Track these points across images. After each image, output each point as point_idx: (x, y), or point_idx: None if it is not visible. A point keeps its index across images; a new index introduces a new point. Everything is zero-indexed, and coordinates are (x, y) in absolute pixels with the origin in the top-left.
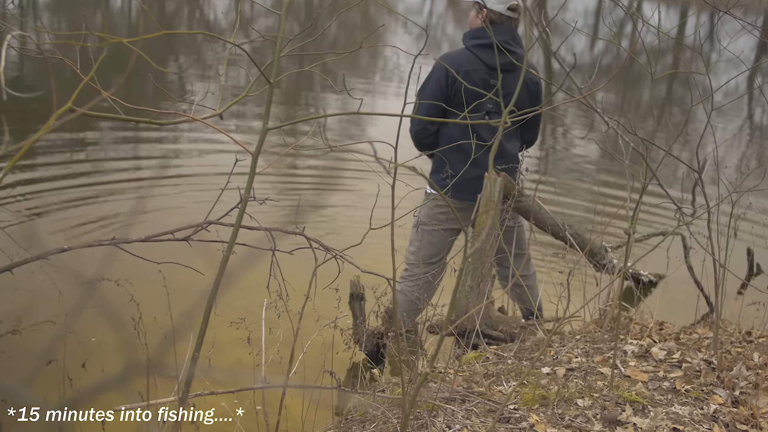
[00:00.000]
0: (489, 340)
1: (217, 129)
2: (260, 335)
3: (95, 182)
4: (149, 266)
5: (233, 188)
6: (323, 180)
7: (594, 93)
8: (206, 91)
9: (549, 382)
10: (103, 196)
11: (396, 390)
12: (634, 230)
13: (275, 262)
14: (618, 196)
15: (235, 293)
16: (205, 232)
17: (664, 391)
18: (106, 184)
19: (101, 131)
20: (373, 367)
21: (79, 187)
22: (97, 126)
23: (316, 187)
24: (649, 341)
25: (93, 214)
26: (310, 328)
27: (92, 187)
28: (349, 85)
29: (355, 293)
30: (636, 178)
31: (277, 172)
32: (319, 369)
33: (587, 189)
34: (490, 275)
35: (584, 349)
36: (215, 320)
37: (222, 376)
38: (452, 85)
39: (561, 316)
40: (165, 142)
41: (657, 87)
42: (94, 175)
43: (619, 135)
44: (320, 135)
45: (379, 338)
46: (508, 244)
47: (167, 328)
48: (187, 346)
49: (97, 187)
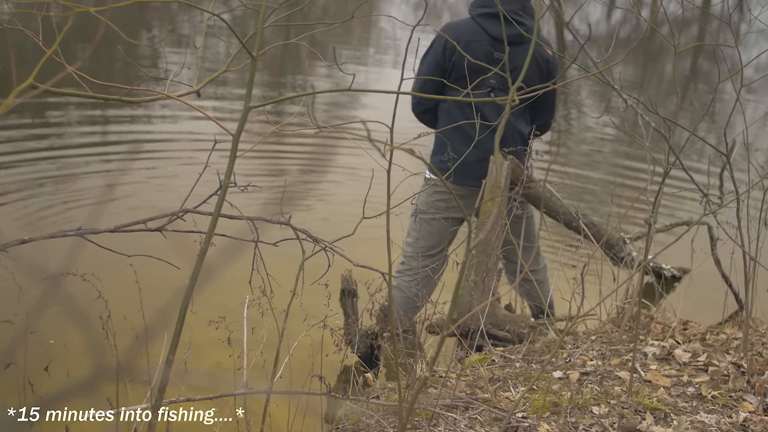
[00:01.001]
0: (495, 341)
1: (195, 108)
2: (242, 336)
3: (59, 167)
4: (119, 259)
5: (212, 173)
6: (312, 164)
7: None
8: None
9: (561, 387)
10: (68, 182)
11: (392, 396)
12: (656, 219)
13: (258, 255)
14: (637, 181)
15: (214, 289)
16: (181, 221)
17: (689, 397)
18: (72, 168)
19: (66, 110)
20: (366, 371)
21: (42, 172)
22: (62, 104)
23: (303, 172)
24: (672, 342)
25: (57, 201)
26: (297, 328)
27: (56, 172)
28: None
29: (346, 289)
30: (657, 161)
31: (260, 155)
32: (307, 373)
33: (603, 174)
34: (496, 269)
35: (600, 351)
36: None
37: (200, 381)
38: (450, 58)
39: (574, 315)
40: (137, 122)
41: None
42: (59, 159)
43: (638, 114)
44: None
45: (373, 339)
46: (516, 235)
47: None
48: (161, 347)
49: (62, 172)
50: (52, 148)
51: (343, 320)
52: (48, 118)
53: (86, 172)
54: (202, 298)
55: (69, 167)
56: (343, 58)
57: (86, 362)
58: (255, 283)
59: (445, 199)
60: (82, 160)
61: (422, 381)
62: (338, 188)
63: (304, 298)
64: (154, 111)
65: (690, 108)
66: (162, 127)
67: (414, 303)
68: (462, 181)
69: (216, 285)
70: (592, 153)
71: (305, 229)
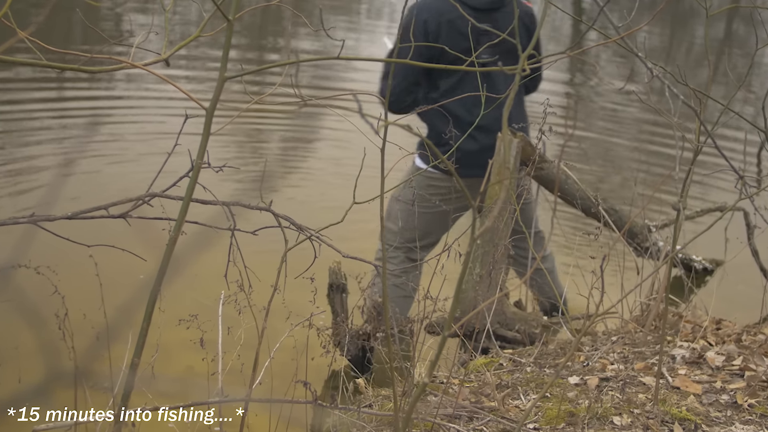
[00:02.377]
0: (503, 342)
1: (163, 78)
2: (216, 336)
3: (9, 145)
4: (77, 250)
5: (182, 152)
6: (295, 142)
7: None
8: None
9: (578, 395)
10: (19, 161)
11: (386, 405)
12: (685, 205)
13: (235, 245)
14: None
15: (185, 284)
16: (148, 207)
17: (723, 406)
18: (23, 147)
19: (17, 81)
20: (357, 377)
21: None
22: (12, 75)
23: (286, 150)
24: (704, 344)
25: (6, 184)
26: (279, 328)
27: (5, 151)
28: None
29: (334, 284)
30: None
31: (238, 131)
32: (290, 379)
33: (626, 154)
34: (504, 261)
35: (622, 354)
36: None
37: (169, 388)
38: (436, 41)
39: (593, 313)
40: (97, 95)
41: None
42: (8, 134)
43: (665, 86)
44: (292, 85)
45: (365, 340)
46: (526, 222)
47: (100, 327)
48: (125, 350)
49: (12, 152)
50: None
51: (331, 319)
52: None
53: (40, 154)
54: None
55: (19, 146)
56: (331, 22)
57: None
58: (231, 276)
59: (441, 193)
60: (34, 138)
61: (421, 388)
62: (325, 169)
63: (286, 293)
64: (117, 82)
65: (724, 79)
66: (126, 101)
67: (403, 292)
68: (467, 172)
69: (187, 279)
70: (613, 130)
71: (288, 216)
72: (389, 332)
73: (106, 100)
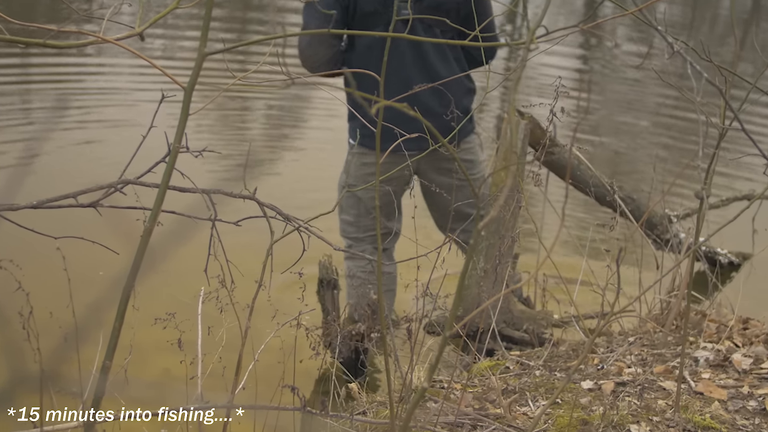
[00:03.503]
0: (509, 343)
1: (137, 54)
2: (196, 337)
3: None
4: (43, 242)
5: (159, 135)
6: (282, 124)
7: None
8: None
9: (592, 401)
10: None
11: (382, 412)
12: (709, 192)
13: (216, 237)
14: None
15: (162, 279)
16: (120, 195)
17: (750, 413)
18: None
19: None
20: (350, 381)
21: None
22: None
23: (272, 133)
24: (730, 345)
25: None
26: (265, 327)
27: None
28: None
29: (325, 279)
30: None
31: (219, 113)
32: (277, 383)
33: (644, 137)
34: (510, 255)
35: (640, 356)
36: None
37: (143, 393)
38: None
39: (608, 311)
40: (65, 73)
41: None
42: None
43: (687, 62)
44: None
45: (358, 341)
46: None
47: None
48: (95, 351)
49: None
50: None
51: (322, 318)
52: None
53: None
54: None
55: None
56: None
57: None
58: (212, 271)
59: (379, 171)
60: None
61: (419, 393)
62: (315, 153)
63: (272, 290)
64: (86, 58)
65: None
66: (96, 79)
67: (385, 286)
68: (389, 147)
69: (163, 274)
70: (631, 110)
71: (274, 205)
72: (385, 332)
73: (74, 79)
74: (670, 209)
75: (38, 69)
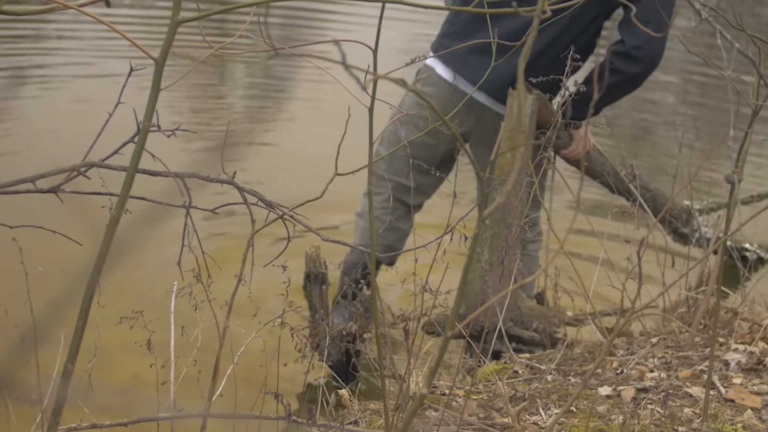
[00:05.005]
0: (518, 344)
1: (103, 22)
2: (168, 338)
3: None
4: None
5: (127, 113)
6: (264, 101)
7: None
8: None
9: (610, 409)
10: None
11: (376, 422)
12: (741, 177)
13: (191, 226)
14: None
15: (130, 274)
16: (84, 179)
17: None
18: None
19: None
20: (340, 387)
21: None
22: None
23: (253, 111)
24: (764, 347)
25: None
26: (245, 327)
27: None
28: None
29: (312, 273)
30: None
31: (194, 87)
32: (258, 389)
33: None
34: (519, 245)
35: (664, 359)
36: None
37: (109, 400)
38: None
39: (628, 308)
40: (21, 42)
41: None
42: None
43: (717, 31)
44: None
45: (349, 342)
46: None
47: (25, 326)
48: (56, 354)
49: None
50: None
51: (309, 316)
52: None
53: None
54: (113, 286)
55: None
56: None
57: None
58: (186, 264)
59: (439, 103)
60: None
61: (418, 401)
62: (301, 133)
63: (254, 285)
64: (45, 25)
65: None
66: (57, 49)
67: (385, 240)
68: (472, 78)
69: (132, 267)
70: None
71: (255, 191)
72: (379, 331)
73: (32, 49)
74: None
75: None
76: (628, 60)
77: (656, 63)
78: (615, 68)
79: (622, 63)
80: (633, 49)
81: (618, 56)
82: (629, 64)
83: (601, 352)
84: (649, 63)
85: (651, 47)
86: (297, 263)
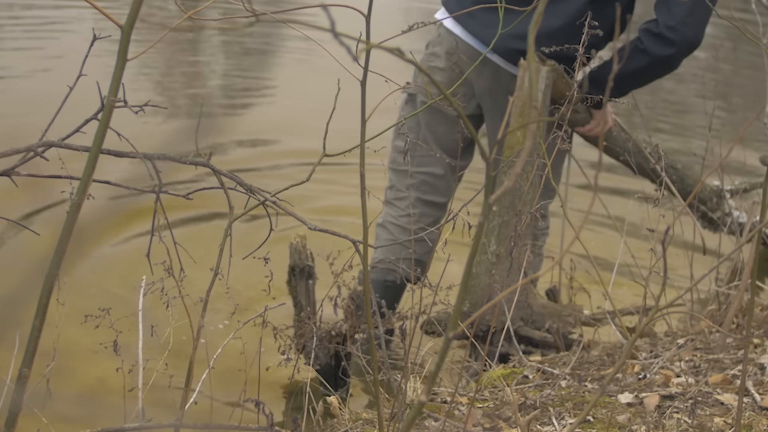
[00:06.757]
0: (528, 346)
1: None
2: (136, 338)
3: None
4: None
5: (90, 87)
6: (244, 74)
7: None
8: None
9: (632, 418)
10: None
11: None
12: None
13: (161, 213)
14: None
15: (93, 267)
16: (41, 160)
17: None
18: None
19: None
20: (329, 393)
21: None
22: None
23: (231, 85)
24: None
25: None
26: (222, 327)
27: None
28: None
29: (298, 267)
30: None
31: (166, 59)
32: (237, 396)
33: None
34: (530, 236)
35: (692, 363)
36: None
37: (71, 409)
38: None
39: (652, 306)
40: None
41: None
42: None
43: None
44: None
45: (339, 343)
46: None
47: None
48: (10, 357)
49: None
50: None
51: (294, 315)
52: None
53: None
54: (75, 280)
55: None
56: None
57: None
58: (156, 257)
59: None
60: None
61: (416, 409)
62: (285, 109)
63: (232, 280)
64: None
65: None
66: (10, 15)
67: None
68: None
69: (95, 260)
70: None
71: (234, 174)
72: (373, 332)
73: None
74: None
75: None
76: (660, 41)
77: (693, 47)
78: (644, 48)
79: (652, 44)
80: (666, 29)
81: (649, 35)
82: (660, 46)
83: (622, 354)
84: (683, 46)
85: (686, 29)
86: (281, 255)
